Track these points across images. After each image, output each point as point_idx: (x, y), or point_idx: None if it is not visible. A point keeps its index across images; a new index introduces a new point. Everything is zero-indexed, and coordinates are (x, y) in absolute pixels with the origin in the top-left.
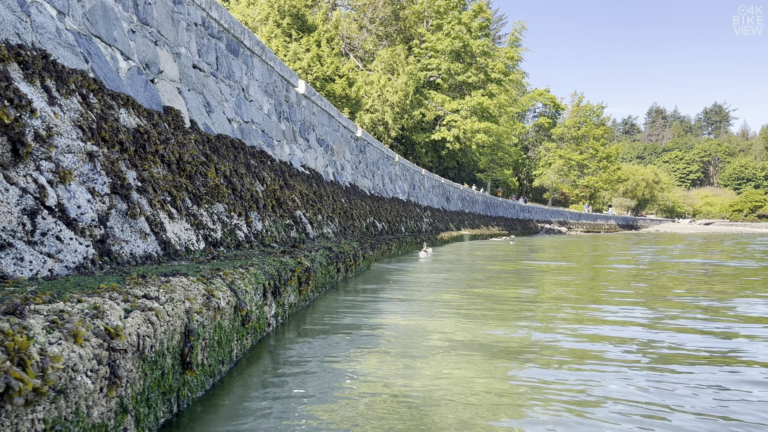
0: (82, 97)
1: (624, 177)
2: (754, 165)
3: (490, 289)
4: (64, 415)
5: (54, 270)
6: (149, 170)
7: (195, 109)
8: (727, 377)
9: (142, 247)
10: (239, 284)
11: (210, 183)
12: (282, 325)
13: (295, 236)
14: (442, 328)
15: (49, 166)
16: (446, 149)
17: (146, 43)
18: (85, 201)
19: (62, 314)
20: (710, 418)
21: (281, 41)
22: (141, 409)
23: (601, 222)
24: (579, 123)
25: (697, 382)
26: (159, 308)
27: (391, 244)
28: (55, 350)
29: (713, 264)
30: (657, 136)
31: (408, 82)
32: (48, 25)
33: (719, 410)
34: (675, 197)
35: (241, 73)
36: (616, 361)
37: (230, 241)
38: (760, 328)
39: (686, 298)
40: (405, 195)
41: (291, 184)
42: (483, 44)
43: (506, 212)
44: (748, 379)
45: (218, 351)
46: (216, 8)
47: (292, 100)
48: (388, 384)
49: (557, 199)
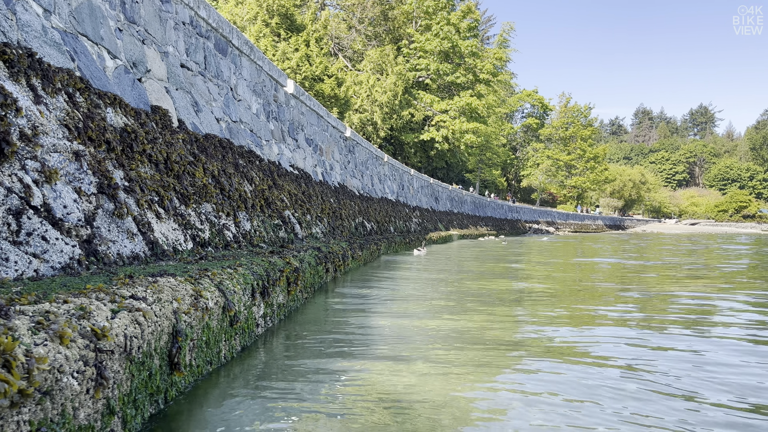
0: (68, 95)
1: (611, 177)
2: (739, 166)
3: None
4: (50, 417)
5: (40, 270)
6: (136, 170)
7: (183, 109)
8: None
9: (129, 247)
10: (227, 284)
11: (198, 183)
12: (271, 325)
13: (283, 236)
14: (432, 327)
15: (35, 165)
16: (435, 149)
17: (133, 41)
18: (72, 201)
19: (48, 315)
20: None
21: (270, 41)
22: (128, 410)
23: (588, 222)
24: (567, 124)
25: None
26: (146, 309)
27: (380, 245)
28: (41, 351)
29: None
30: (644, 136)
31: (397, 83)
32: (34, 23)
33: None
34: (661, 198)
35: (230, 72)
36: (604, 361)
37: (218, 241)
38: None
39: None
40: (394, 195)
41: (280, 184)
42: (472, 45)
43: (495, 212)
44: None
45: (206, 352)
46: (204, 7)
47: (281, 100)
48: (377, 384)
49: (545, 199)
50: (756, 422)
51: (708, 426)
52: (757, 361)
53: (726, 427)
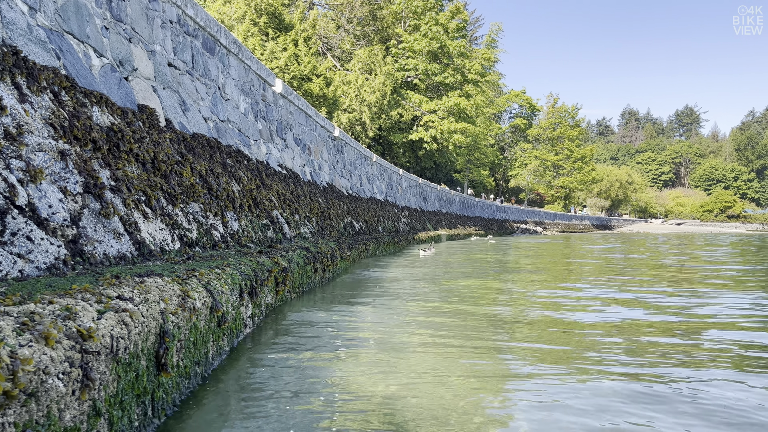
0: (53, 94)
1: (598, 178)
2: (724, 166)
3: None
4: (36, 419)
5: (24, 271)
6: (123, 169)
7: (170, 108)
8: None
9: (115, 247)
10: (215, 285)
11: (185, 182)
12: (259, 326)
13: (272, 236)
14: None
15: (20, 164)
16: (423, 149)
17: (120, 40)
18: (57, 200)
19: (33, 316)
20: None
21: (258, 40)
22: (114, 412)
23: (575, 222)
24: (554, 124)
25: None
26: (133, 309)
27: (368, 244)
28: (26, 353)
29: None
30: (630, 137)
31: (385, 83)
32: (19, 21)
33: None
34: (648, 198)
35: (217, 71)
36: (588, 362)
37: (206, 241)
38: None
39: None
40: (383, 195)
41: (268, 184)
42: (460, 45)
43: (483, 212)
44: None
45: (194, 352)
46: (192, 6)
47: (269, 99)
48: (366, 384)
49: (533, 199)
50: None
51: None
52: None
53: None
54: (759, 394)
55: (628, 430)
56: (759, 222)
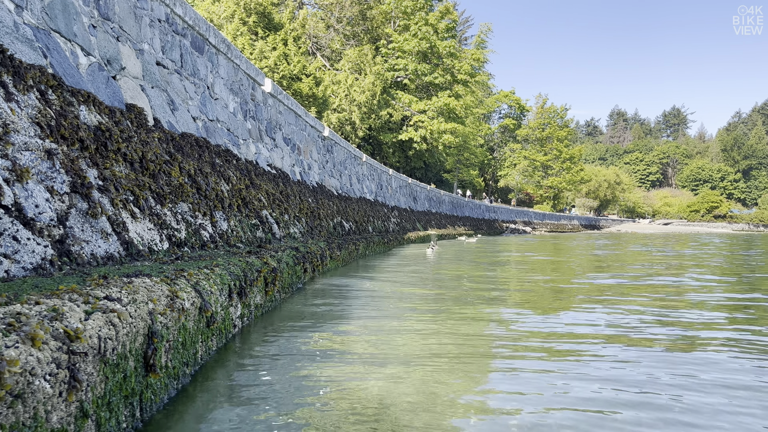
0: (40, 93)
1: (587, 178)
2: (711, 167)
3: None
4: (22, 421)
5: (10, 271)
6: (111, 169)
7: (159, 107)
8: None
9: (103, 247)
10: (204, 285)
11: (174, 182)
12: (248, 326)
13: (261, 236)
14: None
15: (6, 164)
16: (413, 149)
17: (108, 38)
18: (44, 200)
19: (19, 317)
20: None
21: (247, 39)
22: (102, 413)
23: (564, 222)
24: (543, 124)
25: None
26: (121, 310)
27: (358, 244)
28: (12, 354)
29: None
30: (618, 138)
31: (375, 82)
32: (5, 19)
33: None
34: (635, 198)
35: (206, 70)
36: (584, 358)
37: (195, 241)
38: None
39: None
40: (372, 195)
41: (257, 184)
42: (449, 45)
43: (472, 212)
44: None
45: (183, 353)
46: (180, 4)
47: (259, 99)
48: (354, 386)
49: (522, 199)
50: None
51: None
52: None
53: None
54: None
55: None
56: (745, 222)
